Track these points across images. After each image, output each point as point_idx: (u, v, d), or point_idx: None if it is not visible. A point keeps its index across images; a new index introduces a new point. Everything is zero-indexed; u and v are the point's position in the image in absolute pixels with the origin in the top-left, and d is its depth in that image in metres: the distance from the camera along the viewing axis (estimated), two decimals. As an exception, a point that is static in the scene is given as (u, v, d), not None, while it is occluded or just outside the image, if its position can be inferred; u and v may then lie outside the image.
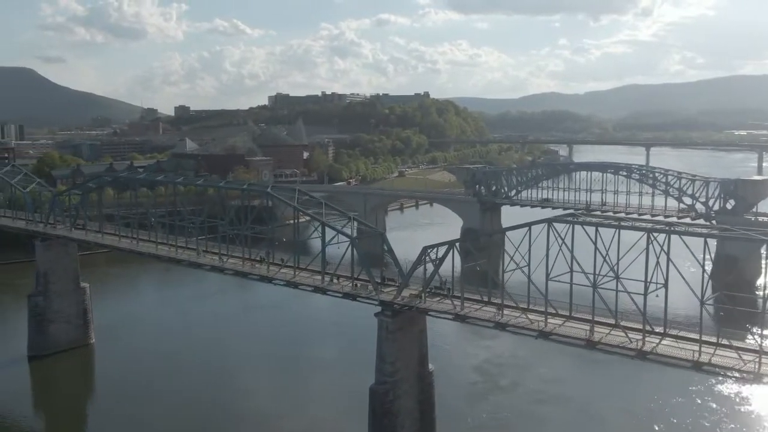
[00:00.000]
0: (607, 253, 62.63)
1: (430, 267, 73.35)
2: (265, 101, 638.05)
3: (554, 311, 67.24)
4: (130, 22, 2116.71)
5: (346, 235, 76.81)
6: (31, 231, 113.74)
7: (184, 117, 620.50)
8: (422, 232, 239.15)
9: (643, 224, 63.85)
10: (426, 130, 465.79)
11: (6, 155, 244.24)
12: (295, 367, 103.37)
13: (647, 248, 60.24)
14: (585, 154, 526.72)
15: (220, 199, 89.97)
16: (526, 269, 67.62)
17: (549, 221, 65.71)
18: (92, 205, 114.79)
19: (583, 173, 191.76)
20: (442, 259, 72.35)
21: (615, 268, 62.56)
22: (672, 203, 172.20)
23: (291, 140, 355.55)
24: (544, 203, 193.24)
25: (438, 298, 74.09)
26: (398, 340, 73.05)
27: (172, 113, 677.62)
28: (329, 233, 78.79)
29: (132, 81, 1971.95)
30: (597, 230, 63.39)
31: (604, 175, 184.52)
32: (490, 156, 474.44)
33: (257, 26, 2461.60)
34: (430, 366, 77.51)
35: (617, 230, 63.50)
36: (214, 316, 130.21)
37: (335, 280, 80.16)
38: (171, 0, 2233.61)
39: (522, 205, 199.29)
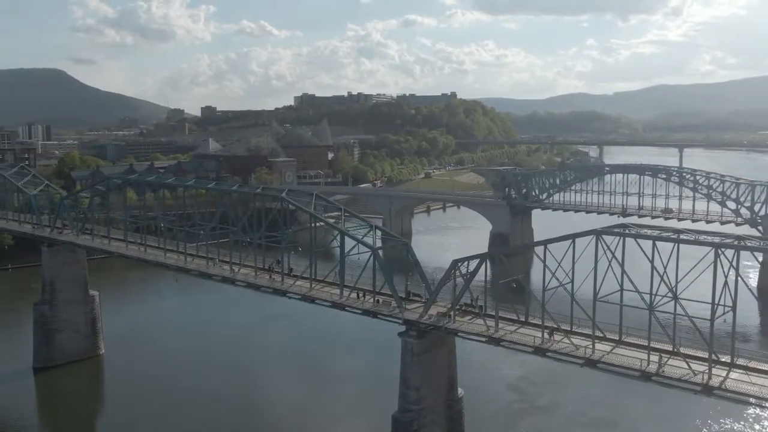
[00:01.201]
0: (664, 271, 54.54)
1: (459, 281, 65.54)
2: (291, 102, 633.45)
3: (602, 334, 59.29)
4: (158, 24, 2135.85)
5: (367, 245, 69.56)
6: (37, 236, 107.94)
7: (211, 117, 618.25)
8: (450, 236, 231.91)
9: (708, 238, 55.41)
10: (453, 131, 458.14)
11: (26, 155, 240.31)
12: (310, 388, 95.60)
13: (714, 265, 52.05)
14: (615, 155, 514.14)
15: (232, 204, 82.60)
16: (569, 286, 59.72)
17: (597, 233, 57.67)
18: (111, 207, 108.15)
19: (617, 176, 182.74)
20: (473, 274, 64.68)
21: (673, 287, 54.45)
22: (714, 207, 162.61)
23: (316, 141, 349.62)
24: (578, 207, 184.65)
25: (469, 317, 66.53)
26: (424, 364, 65.58)
27: (199, 114, 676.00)
28: (349, 242, 71.57)
29: (161, 82, 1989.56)
30: (654, 245, 55.23)
31: (641, 177, 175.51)
32: (518, 157, 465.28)
33: (284, 27, 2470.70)
34: (460, 390, 69.90)
35: (676, 244, 55.37)
36: (229, 326, 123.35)
37: (355, 295, 72.83)
38: (199, 2, 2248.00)
39: (554, 209, 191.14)
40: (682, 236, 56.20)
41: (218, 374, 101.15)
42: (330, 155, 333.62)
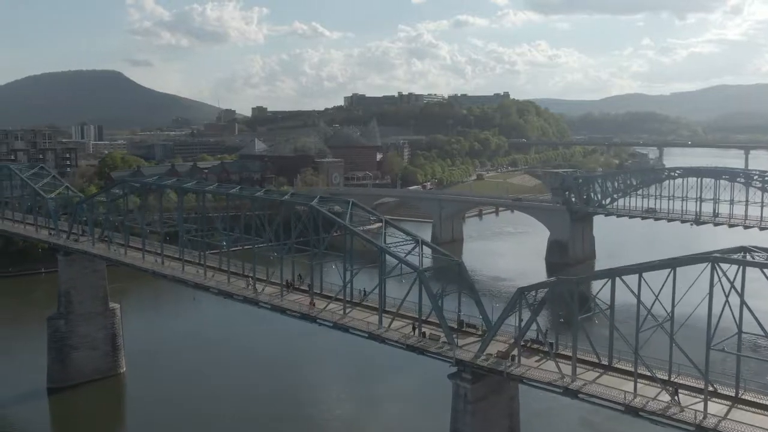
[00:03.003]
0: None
1: (523, 310, 52.92)
2: (342, 103, 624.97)
3: (713, 389, 46.06)
4: (213, 26, 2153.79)
5: (412, 266, 57.33)
6: (52, 243, 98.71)
7: (261, 118, 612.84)
8: (504, 242, 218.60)
9: None
10: (505, 132, 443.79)
11: (68, 155, 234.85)
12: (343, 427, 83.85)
13: None
14: (675, 157, 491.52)
15: (258, 211, 71.07)
16: (667, 325, 46.67)
17: (714, 260, 44.18)
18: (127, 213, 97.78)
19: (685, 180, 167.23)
20: (542, 304, 52.03)
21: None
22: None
23: (364, 141, 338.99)
24: (647, 214, 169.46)
25: (537, 357, 53.81)
26: (480, 413, 53.19)
27: (250, 115, 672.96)
28: (391, 261, 59.65)
29: (214, 83, 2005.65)
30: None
31: (717, 182, 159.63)
32: (574, 159, 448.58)
33: (336, 29, 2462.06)
34: (523, 443, 57.29)
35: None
36: (261, 341, 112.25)
37: (397, 323, 60.80)
38: (252, 4, 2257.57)
39: (618, 215, 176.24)
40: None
41: (247, 398, 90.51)
42: (379, 156, 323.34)
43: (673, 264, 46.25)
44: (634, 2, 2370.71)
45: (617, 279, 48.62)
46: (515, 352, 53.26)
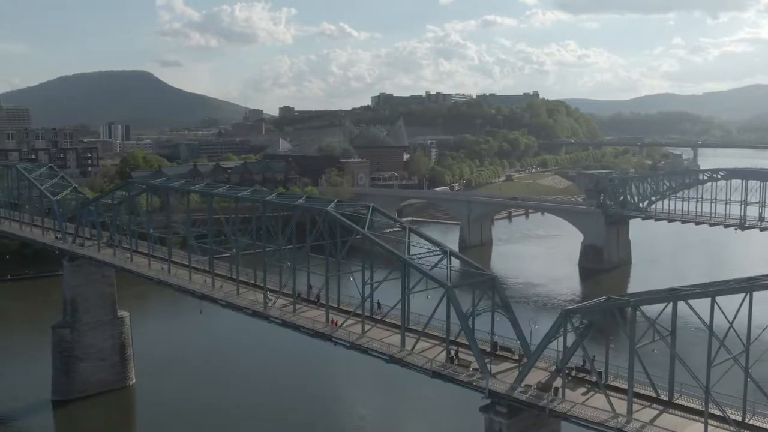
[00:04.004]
0: None
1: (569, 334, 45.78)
2: (369, 103, 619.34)
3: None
4: (241, 27, 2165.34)
5: (439, 282, 50.39)
6: (56, 248, 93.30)
7: (288, 117, 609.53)
8: (535, 246, 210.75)
9: None
10: (535, 132, 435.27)
11: (89, 155, 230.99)
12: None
13: None
14: (708, 157, 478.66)
15: (269, 215, 64.31)
16: (742, 358, 39.34)
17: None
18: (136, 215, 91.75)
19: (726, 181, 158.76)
20: (589, 327, 44.92)
21: None
22: None
23: (391, 141, 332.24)
24: (685, 217, 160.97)
25: (583, 389, 46.62)
26: (517, 452, 46.10)
27: (277, 114, 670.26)
28: (415, 275, 52.85)
29: (243, 83, 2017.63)
30: None
31: (764, 184, 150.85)
32: (605, 159, 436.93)
33: (363, 29, 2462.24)
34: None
35: None
36: (276, 351, 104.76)
37: (421, 345, 53.94)
38: (280, 5, 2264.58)
39: (657, 219, 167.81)
40: None
41: (263, 415, 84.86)
42: (405, 156, 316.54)
43: (750, 288, 38.88)
44: (666, 1, 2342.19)
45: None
46: (558, 383, 46.11)
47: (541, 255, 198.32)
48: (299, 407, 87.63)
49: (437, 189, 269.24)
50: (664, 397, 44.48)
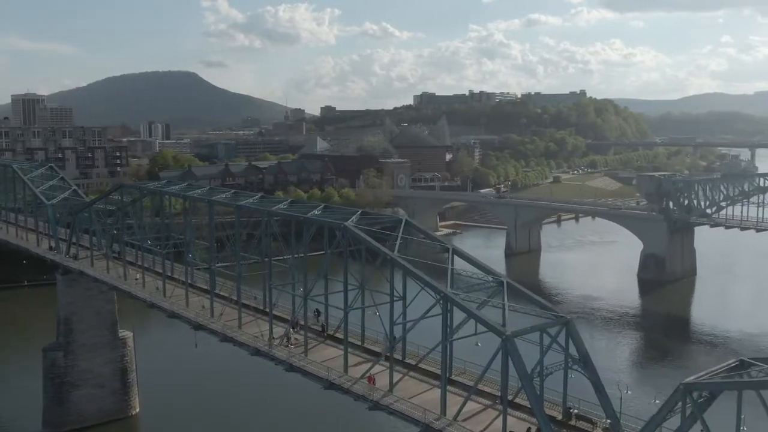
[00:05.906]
0: None
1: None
2: (411, 103, 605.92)
3: None
4: (285, 28, 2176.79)
5: (495, 330, 36.61)
6: (48, 260, 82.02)
7: (329, 117, 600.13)
8: (588, 253, 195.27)
9: None
10: (582, 131, 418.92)
11: (118, 154, 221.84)
12: None
13: None
14: (765, 158, 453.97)
15: (279, 229, 51.51)
16: None
17: None
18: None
19: None
20: (710, 401, 31.15)
21: None
22: None
23: (432, 141, 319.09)
24: (761, 225, 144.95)
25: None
26: None
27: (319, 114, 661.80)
28: (459, 314, 39.47)
29: (286, 84, 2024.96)
30: None
31: None
32: (657, 160, 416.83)
33: (406, 29, 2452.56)
34: None
35: None
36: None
37: (466, 403, 40.42)
38: (324, 5, 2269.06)
39: (727, 227, 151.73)
40: None
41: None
42: (448, 156, 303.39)
43: None
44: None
45: None
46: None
47: (595, 264, 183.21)
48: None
49: (481, 191, 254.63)
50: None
